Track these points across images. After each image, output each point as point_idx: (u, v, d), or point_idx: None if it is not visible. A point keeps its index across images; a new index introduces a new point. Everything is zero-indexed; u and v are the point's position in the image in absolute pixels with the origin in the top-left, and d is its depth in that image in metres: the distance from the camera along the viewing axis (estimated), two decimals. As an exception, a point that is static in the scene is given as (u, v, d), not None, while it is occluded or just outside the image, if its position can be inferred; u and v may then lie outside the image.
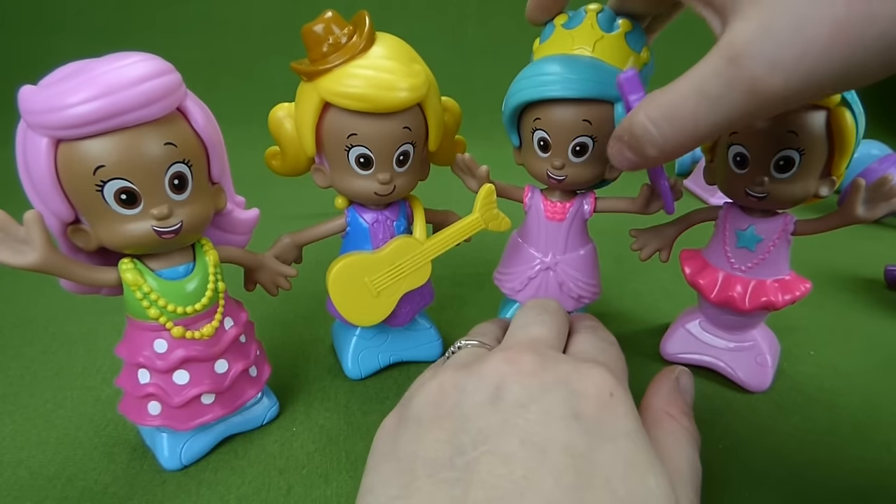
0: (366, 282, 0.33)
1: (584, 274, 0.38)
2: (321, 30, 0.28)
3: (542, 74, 0.32)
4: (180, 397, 0.29)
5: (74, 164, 0.23)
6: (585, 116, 0.32)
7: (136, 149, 0.23)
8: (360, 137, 0.30)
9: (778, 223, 0.33)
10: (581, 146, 0.33)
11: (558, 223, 0.37)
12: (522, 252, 0.39)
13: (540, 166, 0.34)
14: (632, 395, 0.21)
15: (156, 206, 0.25)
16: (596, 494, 0.16)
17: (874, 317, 0.48)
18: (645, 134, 0.23)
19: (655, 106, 0.23)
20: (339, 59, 0.28)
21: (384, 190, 0.31)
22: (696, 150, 0.85)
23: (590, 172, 0.34)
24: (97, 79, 0.22)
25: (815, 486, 0.30)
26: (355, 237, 0.34)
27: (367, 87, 0.28)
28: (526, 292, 0.39)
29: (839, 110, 0.28)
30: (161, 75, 0.24)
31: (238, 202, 0.31)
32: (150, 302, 0.27)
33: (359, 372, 0.38)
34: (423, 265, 0.34)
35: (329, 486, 0.29)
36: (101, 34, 1.07)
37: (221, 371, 0.30)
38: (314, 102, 0.29)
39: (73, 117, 0.22)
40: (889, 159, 0.67)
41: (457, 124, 0.36)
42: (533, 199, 0.37)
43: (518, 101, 0.33)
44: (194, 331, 0.28)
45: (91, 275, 0.26)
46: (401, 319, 0.37)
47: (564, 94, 0.31)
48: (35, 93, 0.23)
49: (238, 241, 0.32)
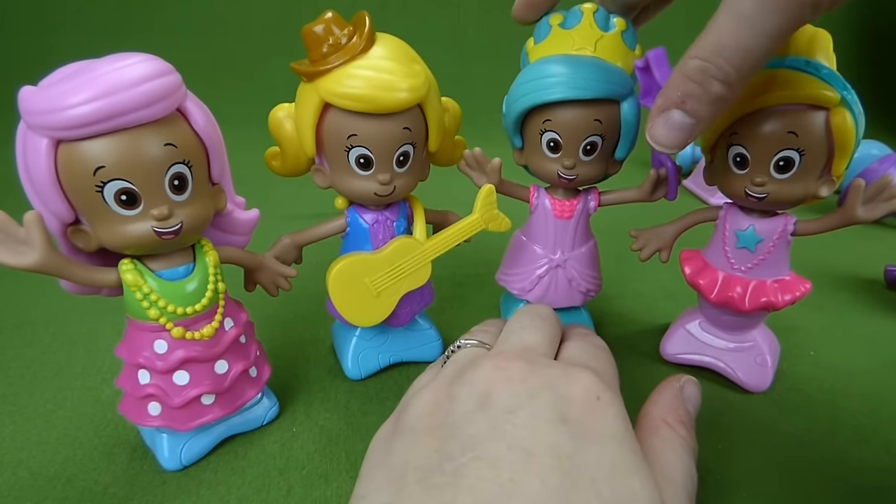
0: (366, 282, 0.33)
1: (590, 268, 0.39)
2: (321, 30, 0.28)
3: (551, 76, 0.32)
4: (180, 398, 0.28)
5: (75, 164, 0.23)
6: (596, 116, 0.32)
7: (137, 149, 0.23)
8: (360, 138, 0.30)
9: (778, 223, 0.33)
10: (591, 145, 0.33)
11: (566, 221, 0.37)
12: (528, 251, 0.39)
13: (549, 167, 0.35)
14: (626, 397, 0.21)
15: (156, 206, 0.25)
16: (581, 495, 0.16)
17: (874, 317, 0.48)
18: (703, 74, 0.23)
19: (699, 47, 0.23)
20: (339, 60, 0.28)
21: (384, 190, 0.31)
22: (697, 150, 0.85)
23: (598, 170, 0.35)
24: (97, 80, 0.22)
25: (815, 486, 0.30)
26: (355, 238, 0.34)
27: (366, 87, 0.28)
28: (536, 291, 0.39)
29: (839, 111, 0.28)
30: (161, 76, 0.24)
31: (238, 203, 0.31)
32: (150, 302, 0.27)
33: (359, 372, 0.38)
34: (423, 266, 0.34)
35: (329, 487, 0.29)
36: (100, 34, 1.07)
37: (221, 372, 0.30)
38: (314, 103, 0.29)
39: (73, 118, 0.22)
40: (889, 159, 0.67)
41: (457, 125, 0.36)
42: (539, 198, 0.38)
43: (528, 104, 0.33)
44: (194, 331, 0.28)
45: (91, 275, 0.26)
46: (401, 320, 0.37)
47: (578, 95, 0.31)
48: (35, 93, 0.23)
49: (238, 241, 0.32)
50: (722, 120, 0.31)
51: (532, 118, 0.34)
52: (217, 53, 1.12)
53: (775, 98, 0.28)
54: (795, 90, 0.28)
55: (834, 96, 0.28)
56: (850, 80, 0.29)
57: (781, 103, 0.29)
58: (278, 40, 1.07)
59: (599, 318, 0.46)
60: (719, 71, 0.23)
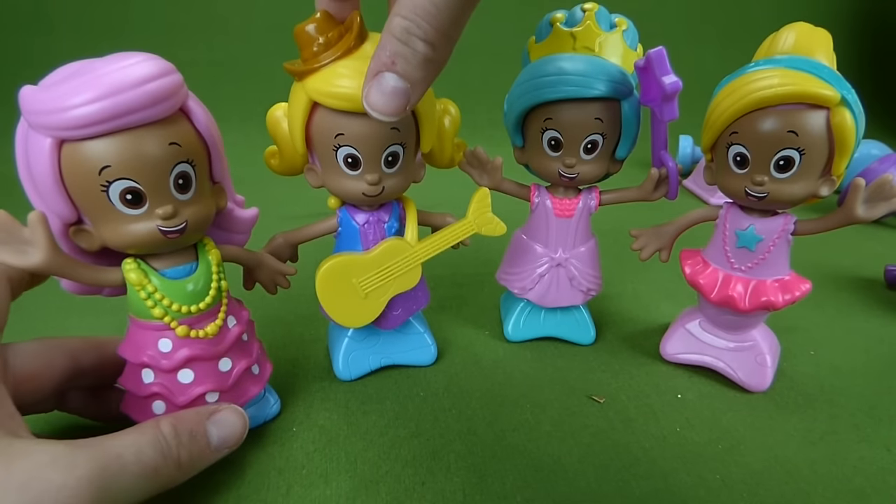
0: (353, 283, 0.33)
1: (591, 267, 0.39)
2: (313, 29, 0.28)
3: (552, 75, 0.32)
4: (185, 396, 0.29)
5: (79, 164, 0.23)
6: (598, 115, 0.32)
7: (142, 149, 0.23)
8: (346, 137, 0.29)
9: (778, 223, 0.33)
10: (593, 144, 0.33)
11: (567, 220, 0.37)
12: (529, 250, 0.39)
13: (550, 165, 0.35)
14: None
15: (161, 205, 0.25)
16: None
17: (874, 317, 0.48)
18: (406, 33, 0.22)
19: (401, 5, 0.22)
20: (328, 59, 0.28)
21: (372, 191, 0.31)
22: (697, 150, 0.85)
23: (598, 169, 0.35)
24: (101, 79, 0.22)
25: (815, 486, 0.30)
26: (347, 238, 0.34)
27: (352, 86, 0.27)
28: (537, 290, 0.40)
29: (839, 110, 0.28)
30: (164, 76, 0.24)
31: (238, 201, 0.31)
32: (154, 301, 0.27)
33: (349, 373, 0.37)
34: (413, 268, 0.34)
35: (328, 486, 0.29)
36: (100, 34, 1.06)
37: (225, 369, 0.30)
38: (303, 102, 0.29)
39: (77, 118, 0.22)
40: (889, 159, 0.67)
41: (456, 127, 0.35)
42: (540, 196, 0.38)
43: (530, 103, 0.33)
44: (198, 329, 0.28)
45: (95, 275, 0.26)
46: (391, 322, 0.36)
47: (580, 93, 0.31)
48: (37, 93, 0.23)
49: (238, 239, 0.32)
50: (722, 119, 0.31)
51: (533, 117, 0.34)
52: (217, 53, 1.12)
53: (775, 97, 0.28)
54: (796, 89, 0.28)
55: (834, 96, 0.28)
56: (850, 79, 0.29)
57: (782, 102, 0.29)
58: (278, 40, 1.07)
59: (600, 318, 0.46)
60: (419, 29, 0.22)
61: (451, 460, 0.31)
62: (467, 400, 0.36)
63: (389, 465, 0.31)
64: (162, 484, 0.25)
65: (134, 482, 0.23)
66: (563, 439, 0.33)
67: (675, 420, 0.35)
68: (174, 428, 0.26)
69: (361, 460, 0.31)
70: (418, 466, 0.31)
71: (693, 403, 0.36)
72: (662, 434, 0.34)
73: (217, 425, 0.28)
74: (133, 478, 0.23)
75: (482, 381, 0.38)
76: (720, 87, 0.31)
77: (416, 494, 0.29)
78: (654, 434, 0.34)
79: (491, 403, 0.36)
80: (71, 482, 0.21)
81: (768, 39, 0.32)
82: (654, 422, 0.34)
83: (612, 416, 0.35)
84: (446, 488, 0.29)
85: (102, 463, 0.22)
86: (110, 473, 0.22)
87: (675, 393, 0.37)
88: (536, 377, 0.39)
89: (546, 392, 0.37)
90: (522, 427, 0.34)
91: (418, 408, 0.35)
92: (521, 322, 0.42)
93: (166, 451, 0.25)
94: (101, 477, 0.22)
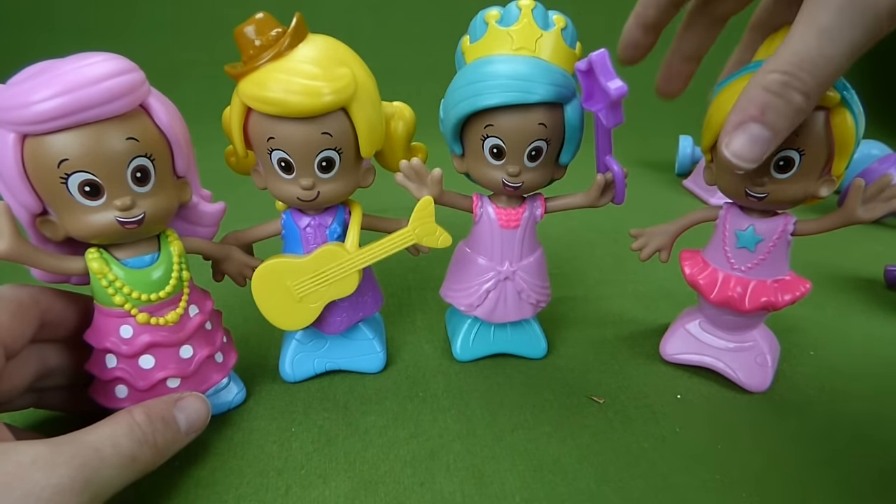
0: (288, 286, 0.33)
1: (539, 278, 0.38)
2: (251, 31, 0.28)
3: (491, 79, 0.30)
4: (146, 381, 0.30)
5: (40, 157, 0.24)
6: (541, 120, 0.31)
7: (99, 143, 0.25)
8: (277, 141, 0.29)
9: (778, 223, 0.33)
10: (537, 150, 0.32)
11: (513, 230, 0.35)
12: (473, 264, 0.37)
13: (492, 174, 0.33)
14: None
15: (118, 197, 0.26)
16: None
17: (874, 317, 0.48)
18: (785, 87, 0.24)
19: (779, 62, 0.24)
20: (260, 61, 0.28)
21: (306, 196, 0.31)
22: (697, 150, 0.85)
23: (543, 176, 0.33)
24: (60, 77, 0.23)
25: (816, 485, 0.30)
26: (290, 240, 0.34)
27: (278, 90, 0.27)
28: (485, 306, 0.37)
29: (839, 110, 0.28)
30: (122, 74, 0.25)
31: (204, 196, 0.32)
32: (115, 289, 0.28)
33: (293, 375, 0.37)
34: (350, 275, 0.33)
35: (327, 487, 0.29)
36: (101, 34, 1.06)
37: (187, 356, 0.31)
38: (238, 104, 0.29)
39: (37, 114, 0.23)
40: (889, 159, 0.67)
41: (408, 130, 0.34)
42: (483, 207, 0.36)
43: (469, 109, 0.31)
44: (159, 317, 0.29)
45: (59, 264, 0.27)
46: (334, 328, 0.36)
47: (522, 98, 0.29)
48: (2, 91, 0.24)
49: (204, 232, 0.33)
50: (722, 119, 0.31)
51: (472, 124, 0.32)
52: (217, 53, 1.12)
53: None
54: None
55: (834, 96, 0.28)
56: (850, 79, 0.29)
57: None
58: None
59: (599, 319, 0.46)
60: (802, 83, 0.23)
61: (451, 461, 0.31)
62: (466, 400, 0.36)
63: (388, 466, 0.31)
64: (140, 470, 0.26)
65: (114, 472, 0.24)
66: (563, 439, 0.33)
67: (674, 420, 0.35)
68: (147, 416, 0.27)
69: (360, 461, 0.31)
70: (417, 467, 0.31)
71: (693, 404, 0.36)
72: (662, 434, 0.34)
73: (183, 411, 0.29)
74: (113, 468, 0.24)
75: (481, 382, 0.38)
76: (720, 87, 0.31)
77: (414, 495, 0.29)
78: (654, 434, 0.33)
79: (490, 404, 0.36)
80: (53, 480, 0.22)
81: (768, 39, 0.32)
82: (653, 422, 0.34)
83: (611, 417, 0.35)
84: (445, 489, 0.29)
85: (82, 459, 0.23)
86: (91, 468, 0.23)
87: (675, 393, 0.37)
88: (536, 377, 0.39)
89: (546, 392, 0.37)
90: (522, 427, 0.34)
91: (417, 408, 0.35)
92: (469, 341, 0.40)
93: (142, 439, 0.26)
94: (82, 472, 0.23)
